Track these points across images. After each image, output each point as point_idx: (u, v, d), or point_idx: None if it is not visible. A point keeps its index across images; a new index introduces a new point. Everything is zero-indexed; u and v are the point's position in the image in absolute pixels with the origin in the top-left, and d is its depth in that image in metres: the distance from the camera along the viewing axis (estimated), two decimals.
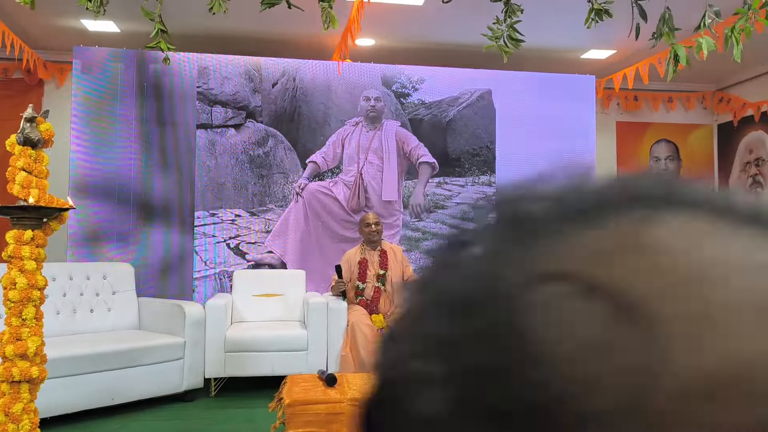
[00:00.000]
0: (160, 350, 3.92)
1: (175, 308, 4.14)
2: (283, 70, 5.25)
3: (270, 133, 5.22)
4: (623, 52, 5.68)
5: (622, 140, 6.92)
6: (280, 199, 5.23)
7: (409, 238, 5.43)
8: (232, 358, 4.19)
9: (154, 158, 5.02)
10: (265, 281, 4.78)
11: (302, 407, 2.33)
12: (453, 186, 5.55)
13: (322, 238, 5.25)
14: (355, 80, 5.37)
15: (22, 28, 4.90)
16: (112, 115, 4.96)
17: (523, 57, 5.80)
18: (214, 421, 3.67)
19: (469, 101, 5.56)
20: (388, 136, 5.41)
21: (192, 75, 5.08)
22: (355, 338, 4.15)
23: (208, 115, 5.11)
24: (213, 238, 5.11)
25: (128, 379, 3.76)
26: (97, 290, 4.30)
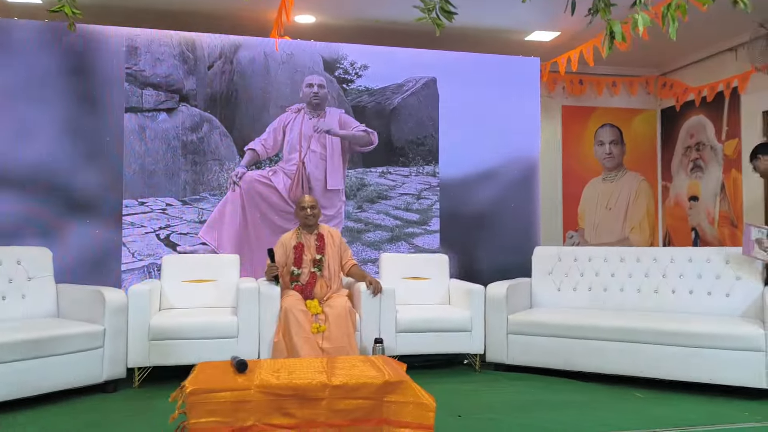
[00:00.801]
0: (75, 339, 3.64)
1: (94, 294, 3.88)
2: (220, 51, 5.05)
3: (205, 117, 5.01)
4: (567, 33, 5.71)
5: (567, 124, 6.97)
6: (214, 188, 5.01)
7: (351, 230, 5.27)
8: (156, 347, 3.94)
9: (79, 144, 4.75)
10: (196, 267, 4.55)
11: (205, 395, 2.14)
12: (397, 176, 5.43)
13: (260, 230, 5.05)
14: (296, 64, 5.22)
15: None
16: (33, 97, 4.66)
17: (468, 38, 5.79)
18: (133, 413, 3.42)
19: (414, 89, 5.48)
20: (332, 124, 5.27)
21: (121, 54, 4.84)
22: (288, 324, 3.97)
23: (138, 98, 4.87)
24: (142, 228, 4.85)
25: (40, 370, 3.48)
26: (10, 276, 4.00)
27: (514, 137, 5.64)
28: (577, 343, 4.16)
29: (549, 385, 4.07)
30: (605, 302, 4.65)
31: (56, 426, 3.17)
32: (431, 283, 4.89)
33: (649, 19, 3.52)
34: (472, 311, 4.44)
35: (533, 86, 5.74)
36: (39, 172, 4.65)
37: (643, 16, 3.56)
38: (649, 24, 3.54)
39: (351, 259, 4.50)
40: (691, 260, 4.51)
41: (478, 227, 5.54)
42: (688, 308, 4.38)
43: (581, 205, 7.01)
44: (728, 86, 6.11)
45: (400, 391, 2.25)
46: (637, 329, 3.99)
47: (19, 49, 4.65)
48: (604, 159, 7.09)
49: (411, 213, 5.42)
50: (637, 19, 3.57)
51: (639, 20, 3.56)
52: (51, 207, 4.67)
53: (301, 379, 2.23)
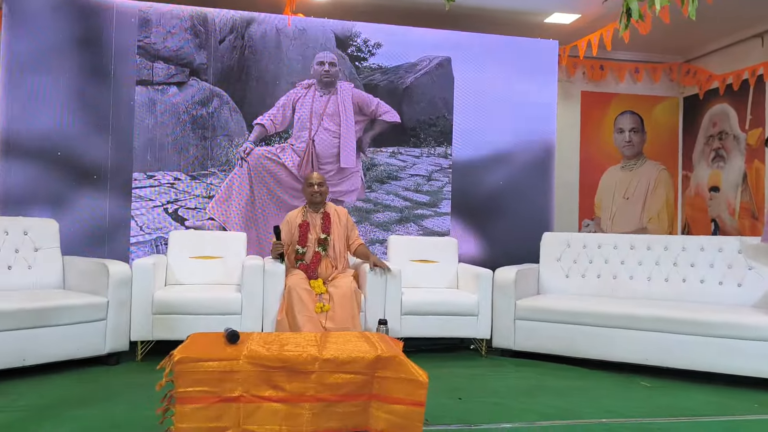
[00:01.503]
0: (79, 310, 3.65)
1: (99, 267, 3.87)
2: (232, 25, 5.00)
3: (215, 92, 4.97)
4: (588, 16, 5.56)
5: (586, 110, 6.82)
6: (223, 163, 4.98)
7: (360, 209, 5.22)
8: (160, 321, 3.94)
9: (90, 115, 4.74)
10: (203, 243, 4.53)
11: (193, 364, 2.10)
12: (407, 157, 5.35)
13: (268, 207, 5.02)
14: (308, 40, 5.15)
15: None
16: (45, 69, 4.66)
17: (485, 19, 5.67)
18: (134, 385, 3.41)
19: (428, 68, 5.38)
20: (345, 100, 5.19)
21: (133, 27, 4.81)
22: (292, 303, 3.93)
23: (149, 72, 4.84)
24: (150, 201, 4.84)
25: (43, 339, 3.49)
26: (17, 246, 4.01)
27: (530, 121, 5.53)
28: (585, 329, 4.07)
29: (555, 371, 4.00)
30: (614, 290, 4.56)
31: (56, 395, 3.17)
32: (439, 266, 4.82)
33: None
34: (480, 296, 4.37)
35: (551, 70, 5.61)
36: (49, 142, 4.66)
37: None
38: (667, 2, 3.41)
39: (358, 238, 4.43)
40: (703, 249, 4.41)
41: (489, 211, 5.45)
42: (699, 297, 4.30)
43: (598, 194, 6.86)
44: (753, 74, 5.91)
45: (393, 366, 2.19)
46: (645, 317, 3.90)
47: (32, 20, 4.63)
48: (624, 147, 6.92)
49: (421, 194, 5.35)
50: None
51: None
52: (60, 178, 4.67)
53: (291, 352, 2.18)
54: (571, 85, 6.69)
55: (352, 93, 5.22)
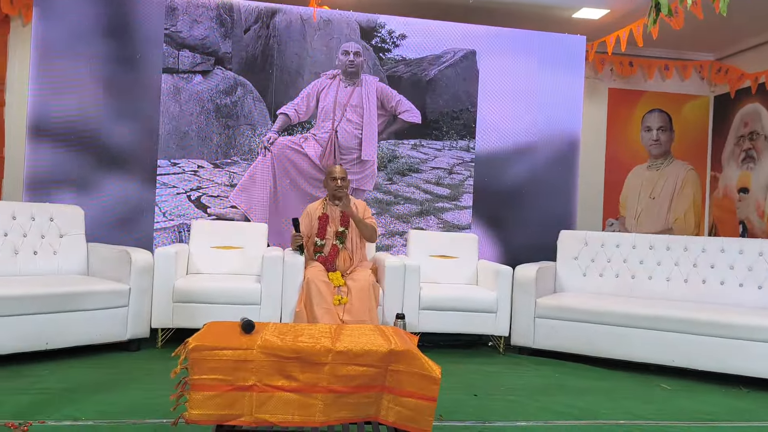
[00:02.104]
0: (101, 296, 3.70)
1: (122, 254, 3.92)
2: (257, 15, 5.01)
3: (239, 81, 4.99)
4: (617, 11, 5.45)
5: (613, 107, 6.71)
6: (246, 152, 5.00)
7: (380, 201, 5.20)
8: (180, 309, 3.98)
9: (116, 102, 4.80)
10: (224, 233, 4.56)
11: (208, 352, 2.11)
12: (429, 149, 5.32)
13: (290, 197, 5.03)
14: (332, 31, 5.14)
15: None
16: (74, 55, 4.72)
17: (511, 13, 5.60)
18: (153, 372, 3.46)
19: (452, 61, 5.33)
20: (369, 93, 5.18)
21: (160, 15, 4.85)
22: (310, 294, 3.93)
23: (174, 60, 4.88)
24: (174, 188, 4.88)
25: (65, 323, 3.55)
26: (43, 232, 4.08)
27: (555, 117, 5.46)
28: (607, 329, 4.02)
29: (574, 370, 3.95)
30: (633, 290, 4.52)
31: (76, 379, 3.23)
32: (459, 262, 4.79)
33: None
34: (499, 293, 4.33)
35: (578, 66, 5.52)
36: (76, 127, 4.72)
37: None
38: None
39: (372, 218, 4.37)
40: (723, 251, 4.37)
41: (511, 206, 5.40)
42: (719, 299, 4.27)
43: (623, 193, 6.75)
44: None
45: (406, 360, 2.18)
46: (669, 318, 3.85)
47: (62, 7, 4.69)
48: (651, 145, 6.80)
49: (442, 188, 5.31)
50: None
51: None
52: (86, 163, 4.74)
53: (304, 343, 2.18)
54: (599, 82, 6.59)
55: (377, 86, 5.21)
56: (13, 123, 5.28)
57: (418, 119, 5.26)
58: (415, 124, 5.27)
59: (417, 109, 5.26)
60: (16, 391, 2.95)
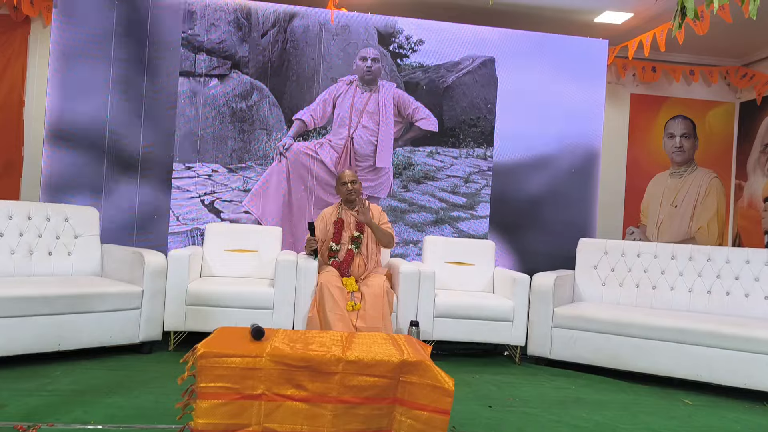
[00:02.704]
0: (114, 298, 3.69)
1: (135, 256, 3.91)
2: (275, 19, 4.99)
3: (255, 86, 4.97)
4: (641, 15, 5.34)
5: (635, 113, 6.59)
6: (260, 157, 4.98)
7: (395, 209, 5.14)
8: (193, 312, 3.95)
9: (133, 105, 4.81)
10: (239, 236, 4.54)
11: (216, 359, 2.07)
12: (446, 157, 5.26)
13: (304, 203, 5.00)
14: (350, 36, 5.10)
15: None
16: (91, 58, 4.74)
17: (531, 18, 5.52)
18: (164, 375, 3.43)
19: (470, 68, 5.27)
20: (386, 99, 5.13)
21: (178, 18, 4.85)
22: (324, 300, 3.89)
23: (191, 63, 4.88)
24: (187, 192, 4.87)
25: (78, 325, 3.54)
26: (58, 233, 4.09)
27: (575, 125, 5.37)
28: (628, 341, 3.93)
29: (592, 383, 3.85)
30: (653, 301, 4.41)
31: (88, 381, 3.21)
32: (475, 269, 4.71)
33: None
34: (516, 301, 4.25)
35: (600, 71, 5.43)
36: (93, 130, 4.74)
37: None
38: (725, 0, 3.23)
39: (388, 222, 4.32)
40: (748, 262, 4.27)
41: (529, 216, 5.31)
42: (744, 312, 4.16)
43: (645, 200, 6.63)
44: None
45: (419, 371, 2.12)
46: (692, 330, 3.75)
47: (81, 11, 4.72)
48: (674, 153, 6.66)
49: (458, 196, 5.24)
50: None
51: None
52: (103, 165, 4.75)
53: (315, 351, 2.13)
54: (621, 87, 6.48)
55: (394, 92, 5.16)
56: (32, 124, 5.32)
57: (435, 127, 5.21)
58: (431, 131, 5.21)
59: (434, 117, 5.20)
60: (26, 393, 2.94)
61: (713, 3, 3.28)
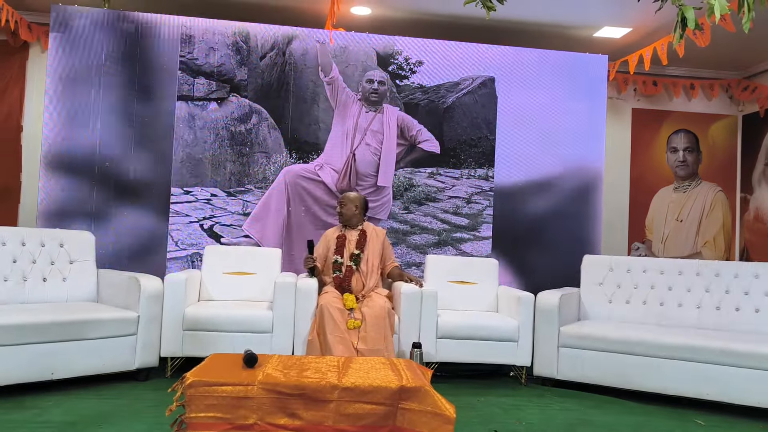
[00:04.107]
0: (108, 324, 3.62)
1: (131, 281, 3.85)
2: (273, 42, 4.97)
3: (254, 109, 4.94)
4: (640, 30, 5.30)
5: (637, 128, 6.52)
6: (259, 180, 4.93)
7: (396, 231, 5.07)
8: (190, 337, 3.88)
9: (130, 130, 4.78)
10: (237, 259, 4.48)
11: (205, 388, 1.99)
12: (447, 178, 5.20)
13: (304, 225, 4.93)
14: (349, 58, 5.08)
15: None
16: (89, 84, 4.73)
17: (530, 35, 5.50)
18: (160, 403, 3.34)
19: (470, 88, 5.23)
20: (390, 121, 5.10)
21: (175, 42, 4.84)
22: (324, 322, 3.81)
23: (189, 87, 4.86)
24: (186, 217, 4.82)
25: (72, 353, 3.47)
26: (52, 258, 4.03)
27: (577, 144, 5.31)
28: (637, 360, 3.82)
29: (600, 404, 3.74)
30: (661, 318, 4.32)
31: (81, 411, 3.13)
32: (478, 288, 4.63)
33: (726, 4, 3.17)
34: (521, 320, 4.16)
35: (600, 87, 5.39)
36: (91, 157, 4.71)
37: (720, 2, 3.21)
38: (727, 10, 3.19)
39: (394, 261, 4.41)
40: (757, 276, 4.18)
41: (533, 236, 5.23)
42: (754, 328, 4.05)
43: (649, 215, 6.54)
44: None
45: (418, 398, 2.04)
46: (703, 348, 3.65)
47: (77, 37, 4.71)
48: (677, 167, 6.59)
49: (460, 217, 5.17)
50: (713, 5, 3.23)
51: (716, 5, 3.21)
52: (101, 193, 4.71)
53: (309, 378, 2.05)
54: (622, 102, 6.43)
55: (398, 115, 5.13)
56: (30, 150, 5.30)
57: (437, 149, 5.17)
58: (434, 154, 5.17)
59: (436, 140, 5.16)
60: (15, 425, 2.85)
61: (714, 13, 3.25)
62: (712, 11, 3.23)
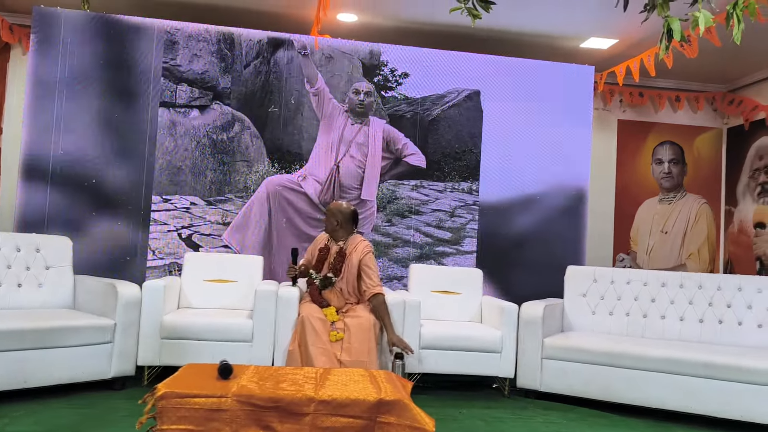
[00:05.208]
0: (83, 332, 3.54)
1: (108, 287, 3.77)
2: (258, 50, 4.92)
3: (237, 117, 4.89)
4: (626, 41, 5.32)
5: (623, 139, 6.54)
6: (240, 190, 4.86)
7: (379, 243, 5.01)
8: (168, 346, 3.81)
9: (111, 136, 4.70)
10: (218, 266, 4.41)
11: (177, 400, 1.93)
12: (430, 191, 5.16)
13: (285, 237, 4.87)
14: (334, 68, 5.04)
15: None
16: (70, 91, 4.65)
17: (517, 45, 5.50)
18: (134, 413, 3.24)
19: (456, 101, 5.21)
20: (375, 133, 5.06)
21: (159, 48, 4.78)
22: (305, 333, 3.74)
23: (171, 93, 4.80)
24: (164, 226, 4.74)
25: (46, 361, 3.39)
26: (28, 264, 3.95)
27: (563, 157, 5.29)
28: (620, 372, 3.80)
29: (584, 417, 3.71)
30: (645, 330, 4.32)
31: (52, 420, 3.05)
32: (462, 298, 4.59)
33: (711, 17, 3.17)
34: (504, 331, 4.12)
35: (586, 97, 5.38)
36: (71, 165, 4.63)
37: (705, 14, 3.21)
38: (711, 23, 3.19)
39: (375, 287, 3.93)
40: (740, 289, 4.20)
41: (518, 251, 5.19)
42: (736, 340, 4.07)
43: (635, 226, 6.55)
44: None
45: (396, 411, 1.99)
46: (686, 361, 3.65)
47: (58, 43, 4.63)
48: (662, 179, 6.61)
49: (443, 231, 5.13)
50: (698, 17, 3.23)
51: (700, 18, 3.21)
52: (80, 201, 4.63)
53: (284, 390, 2.00)
54: (608, 113, 6.46)
55: (384, 128, 5.10)
56: (9, 153, 5.21)
57: (423, 164, 5.14)
58: (420, 168, 5.13)
59: (422, 154, 5.13)
60: None
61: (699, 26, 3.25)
62: (696, 24, 3.24)
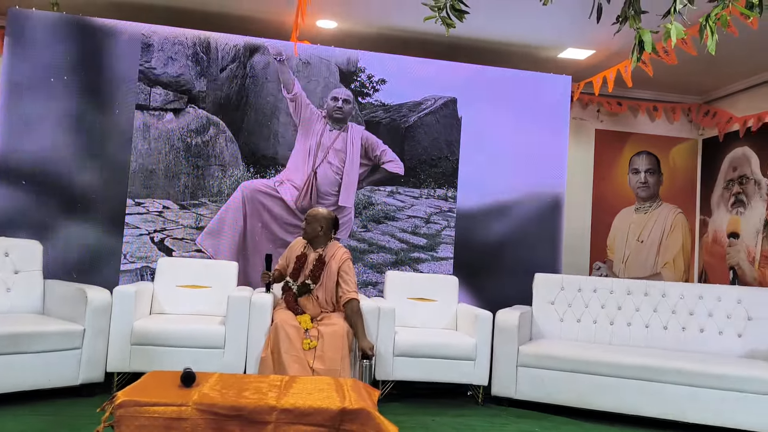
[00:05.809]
0: (50, 337, 3.48)
1: (78, 292, 3.72)
2: (234, 54, 4.90)
3: (212, 121, 4.85)
4: (603, 52, 5.37)
5: (600, 149, 6.59)
6: (214, 194, 4.82)
7: (354, 249, 4.99)
8: (138, 352, 3.75)
9: (85, 139, 4.64)
10: (192, 271, 4.37)
11: (136, 408, 1.90)
12: (406, 197, 5.15)
13: (261, 241, 4.83)
14: (311, 74, 5.02)
15: None
16: (45, 92, 4.58)
17: (494, 55, 5.53)
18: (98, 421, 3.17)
19: (432, 108, 5.22)
20: (354, 140, 5.05)
21: (135, 50, 4.73)
22: (279, 340, 3.71)
23: (146, 96, 4.74)
24: (136, 229, 4.69)
25: (12, 367, 3.34)
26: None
27: (539, 165, 5.30)
28: (596, 379, 3.85)
29: (558, 425, 3.72)
30: (612, 336, 4.41)
31: (13, 428, 2.99)
32: (438, 305, 4.59)
33: (683, 29, 3.21)
34: (478, 339, 4.12)
35: (563, 107, 5.42)
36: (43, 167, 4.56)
37: (677, 26, 3.25)
38: (683, 35, 3.23)
39: (351, 292, 3.96)
40: (701, 297, 4.35)
41: (494, 259, 5.19)
42: (698, 346, 4.22)
43: (611, 235, 6.60)
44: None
45: (360, 420, 1.97)
46: (660, 368, 3.72)
47: (33, 44, 4.58)
48: (639, 188, 6.67)
49: (418, 237, 5.13)
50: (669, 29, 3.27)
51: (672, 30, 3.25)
52: (52, 203, 4.56)
53: (246, 399, 1.97)
54: (585, 122, 6.51)
55: (362, 134, 5.09)
56: None
57: (401, 171, 5.13)
58: (398, 175, 5.12)
59: (401, 161, 5.13)
60: None
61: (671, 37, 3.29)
62: (668, 36, 3.28)
